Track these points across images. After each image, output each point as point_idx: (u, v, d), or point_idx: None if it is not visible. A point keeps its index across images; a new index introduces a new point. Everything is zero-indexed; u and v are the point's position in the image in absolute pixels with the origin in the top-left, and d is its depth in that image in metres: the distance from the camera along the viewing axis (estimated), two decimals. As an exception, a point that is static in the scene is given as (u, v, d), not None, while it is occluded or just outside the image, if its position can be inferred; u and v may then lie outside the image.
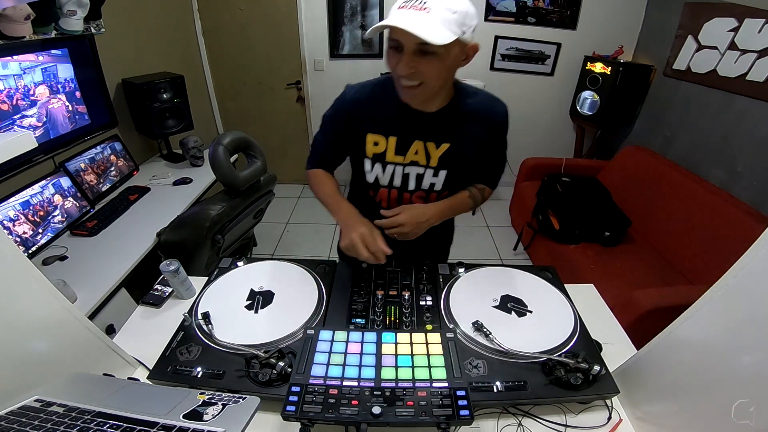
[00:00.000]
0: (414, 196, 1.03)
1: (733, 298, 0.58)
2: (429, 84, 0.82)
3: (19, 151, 0.58)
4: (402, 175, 0.99)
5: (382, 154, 0.97)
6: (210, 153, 1.58)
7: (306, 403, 0.67)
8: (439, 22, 0.73)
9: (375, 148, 0.97)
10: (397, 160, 0.98)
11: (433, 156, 0.96)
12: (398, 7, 0.77)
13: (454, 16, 0.74)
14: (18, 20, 1.40)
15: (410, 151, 0.96)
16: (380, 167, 0.99)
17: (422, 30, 0.72)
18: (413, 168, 0.98)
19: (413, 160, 0.97)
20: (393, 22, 0.73)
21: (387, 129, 0.95)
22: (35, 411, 0.59)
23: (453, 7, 0.74)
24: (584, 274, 2.09)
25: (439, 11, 0.73)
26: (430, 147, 0.96)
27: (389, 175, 1.00)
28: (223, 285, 1.02)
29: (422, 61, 0.79)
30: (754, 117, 2.08)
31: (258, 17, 3.06)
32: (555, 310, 0.94)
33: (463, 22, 0.76)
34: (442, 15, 0.73)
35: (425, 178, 0.99)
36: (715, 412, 0.60)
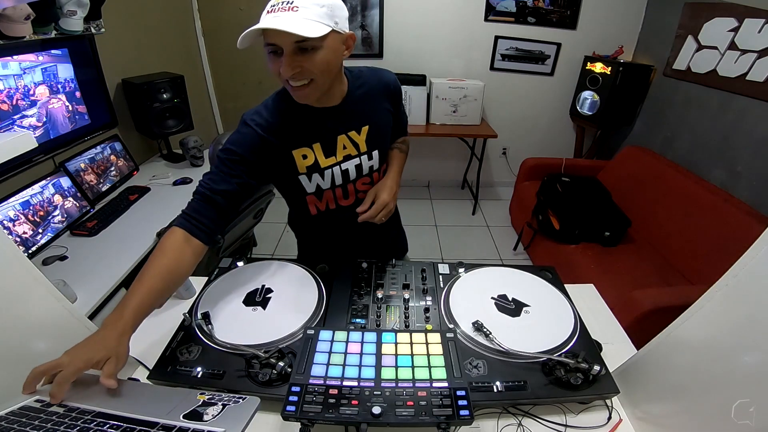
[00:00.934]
0: (359, 183, 1.04)
1: (733, 298, 0.58)
2: (318, 80, 0.83)
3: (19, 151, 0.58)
4: (341, 172, 0.99)
5: (315, 164, 0.96)
6: (210, 153, 1.58)
7: (306, 403, 0.67)
8: (309, 17, 0.75)
9: (305, 161, 0.95)
10: (330, 162, 0.97)
11: (360, 142, 0.99)
12: (266, 12, 0.78)
13: (323, 9, 0.77)
14: (18, 20, 1.40)
15: (338, 148, 0.97)
16: (318, 176, 0.98)
17: (295, 27, 0.73)
18: (349, 162, 0.99)
19: (345, 155, 0.98)
20: (265, 24, 0.75)
21: (307, 138, 0.94)
22: (35, 411, 0.59)
23: (320, 1, 0.77)
24: (584, 274, 2.09)
25: (308, 8, 0.75)
26: (353, 136, 0.98)
27: (329, 179, 0.99)
28: (223, 285, 1.02)
29: (304, 59, 0.79)
30: (754, 117, 2.08)
31: (258, 17, 3.05)
32: (555, 310, 0.94)
33: (333, 14, 0.79)
34: (311, 11, 0.75)
35: (363, 164, 1.01)
36: (715, 412, 0.60)
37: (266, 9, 0.79)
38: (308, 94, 0.85)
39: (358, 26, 3.06)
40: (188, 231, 0.84)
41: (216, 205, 0.87)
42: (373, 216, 0.98)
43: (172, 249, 0.81)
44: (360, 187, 1.05)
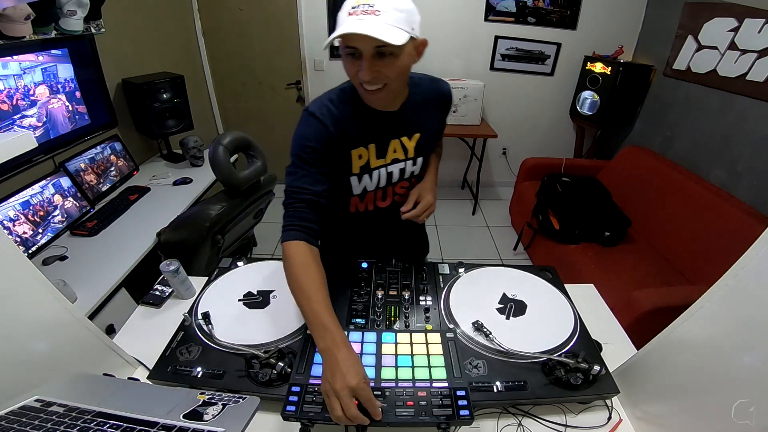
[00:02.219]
0: (398, 186, 1.06)
1: (733, 298, 0.58)
2: (391, 85, 0.84)
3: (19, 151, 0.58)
4: (386, 174, 1.01)
5: (366, 164, 0.97)
6: (210, 153, 1.58)
7: (306, 403, 0.67)
8: (391, 23, 0.75)
9: (360, 161, 0.96)
10: (380, 164, 0.99)
11: (409, 148, 1.01)
12: (347, 13, 0.77)
13: (403, 15, 0.76)
14: (18, 20, 1.40)
15: (389, 151, 0.99)
16: (368, 177, 0.99)
17: (380, 32, 0.73)
18: (395, 165, 1.01)
19: (394, 158, 1.00)
20: (350, 29, 0.74)
21: (364, 139, 0.95)
22: (35, 411, 0.59)
23: (399, 6, 0.76)
24: (584, 274, 2.09)
25: (389, 12, 0.75)
26: (404, 141, 0.99)
27: (376, 180, 1.01)
28: (223, 285, 1.02)
29: (382, 64, 0.79)
30: (754, 117, 2.08)
31: (258, 17, 3.06)
32: (555, 310, 0.94)
33: (411, 20, 0.78)
34: (393, 16, 0.75)
35: (407, 169, 1.04)
36: (715, 412, 0.60)
37: (347, 10, 0.77)
38: (381, 98, 0.86)
39: (358, 26, 3.06)
40: (308, 242, 0.84)
41: (320, 207, 0.88)
42: (417, 215, 1.00)
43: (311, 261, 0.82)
44: (398, 190, 1.07)
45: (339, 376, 0.65)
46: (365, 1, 0.75)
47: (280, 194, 1.12)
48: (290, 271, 0.81)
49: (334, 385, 0.64)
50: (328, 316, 0.74)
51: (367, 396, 0.64)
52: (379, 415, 0.65)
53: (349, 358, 0.67)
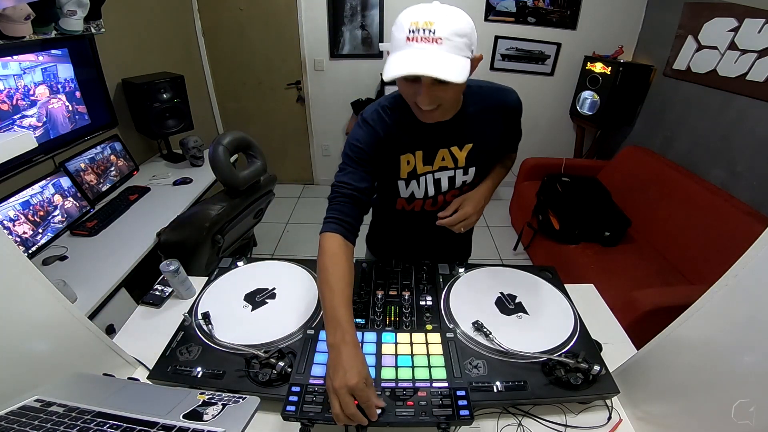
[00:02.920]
0: (448, 195, 1.05)
1: (733, 298, 0.58)
2: (446, 105, 0.83)
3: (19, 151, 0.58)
4: (434, 181, 1.01)
5: (414, 170, 0.98)
6: (210, 153, 1.58)
7: (306, 403, 0.67)
8: (453, 53, 0.72)
9: (408, 167, 0.98)
10: (426, 170, 0.99)
11: (459, 158, 0.98)
12: (406, 38, 0.72)
13: (464, 40, 0.72)
14: (18, 20, 1.40)
15: (437, 159, 0.98)
16: (415, 183, 1.00)
17: (444, 71, 0.70)
18: (443, 172, 1.00)
19: (441, 166, 0.99)
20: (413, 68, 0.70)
21: (413, 146, 0.96)
22: (35, 411, 0.59)
23: (460, 30, 0.72)
24: (584, 274, 2.09)
25: (451, 40, 0.71)
26: (454, 151, 0.97)
27: (423, 187, 1.01)
28: (223, 285, 1.02)
29: (440, 90, 0.77)
30: (754, 117, 2.08)
31: (258, 17, 3.06)
32: (555, 310, 0.94)
33: (471, 42, 0.75)
34: (454, 43, 0.71)
35: (457, 178, 1.01)
36: (715, 412, 0.60)
37: (405, 31, 0.72)
38: (436, 117, 0.86)
39: (358, 26, 3.06)
40: (344, 236, 0.85)
41: (361, 203, 0.90)
42: (452, 224, 0.97)
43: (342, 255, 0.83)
44: (449, 198, 1.05)
45: (340, 373, 0.65)
46: (426, 25, 0.70)
47: (280, 194, 1.12)
48: (321, 261, 0.82)
49: (334, 383, 0.64)
50: (344, 313, 0.74)
51: (365, 396, 0.64)
52: (374, 416, 0.65)
53: (353, 357, 0.68)
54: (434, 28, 0.70)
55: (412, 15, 0.71)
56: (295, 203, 3.54)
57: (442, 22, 0.70)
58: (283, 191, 3.59)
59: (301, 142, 3.61)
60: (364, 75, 3.21)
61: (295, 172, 3.80)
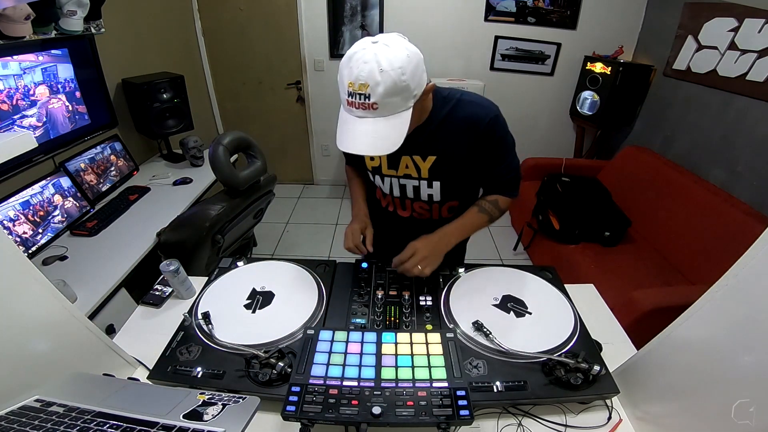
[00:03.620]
0: (415, 204, 1.07)
1: (733, 298, 0.58)
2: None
3: (19, 151, 0.58)
4: (399, 185, 1.05)
5: (378, 168, 1.04)
6: (210, 153, 1.58)
7: (306, 403, 0.67)
8: (389, 113, 0.74)
9: (372, 162, 1.04)
10: (391, 173, 1.04)
11: (422, 168, 1.00)
12: (347, 101, 0.76)
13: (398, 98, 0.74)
14: (18, 20, 1.40)
15: (401, 165, 1.01)
16: (380, 179, 1.06)
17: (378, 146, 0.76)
18: (408, 180, 1.03)
19: (406, 173, 1.02)
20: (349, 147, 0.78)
21: None
22: (35, 411, 0.59)
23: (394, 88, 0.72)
24: (584, 274, 2.09)
25: (386, 103, 0.73)
26: (417, 160, 0.99)
27: (388, 185, 1.06)
28: (223, 285, 1.02)
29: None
30: (754, 117, 2.08)
31: (258, 17, 3.06)
32: (555, 310, 0.94)
33: (410, 92, 0.75)
34: (390, 104, 0.74)
35: (421, 189, 1.04)
36: (715, 412, 0.60)
37: (345, 96, 0.76)
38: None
39: (358, 26, 3.06)
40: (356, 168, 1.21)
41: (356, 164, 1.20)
42: (406, 270, 0.93)
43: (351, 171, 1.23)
44: (417, 208, 1.07)
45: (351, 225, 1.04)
46: (361, 89, 0.73)
47: (280, 194, 1.14)
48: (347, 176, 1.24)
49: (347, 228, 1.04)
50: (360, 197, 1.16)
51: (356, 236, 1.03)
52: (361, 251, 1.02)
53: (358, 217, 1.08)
54: (368, 93, 0.73)
55: (350, 71, 0.74)
56: (295, 203, 3.54)
57: (374, 85, 0.72)
58: (283, 191, 3.59)
59: (301, 142, 3.61)
60: (364, 75, 3.21)
61: (295, 172, 3.80)
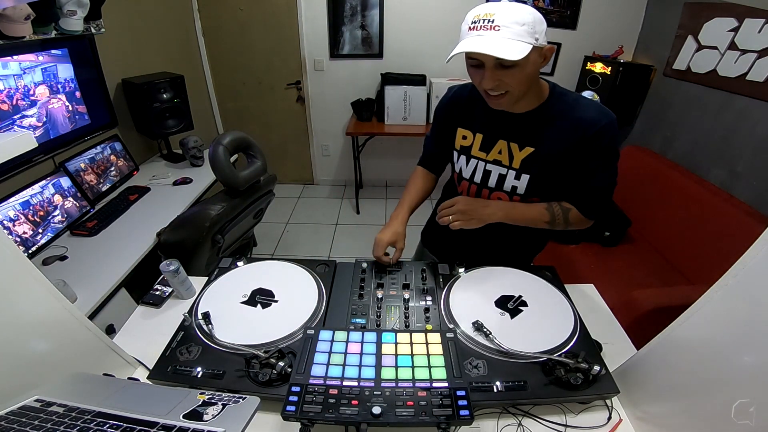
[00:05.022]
0: (493, 194, 1.03)
1: (733, 298, 0.58)
2: (514, 92, 0.86)
3: (19, 151, 0.58)
4: (483, 170, 1.03)
5: (468, 148, 1.05)
6: (210, 153, 1.58)
7: (306, 403, 0.67)
8: (511, 37, 0.77)
9: (463, 141, 1.05)
10: (481, 156, 1.03)
11: (516, 157, 0.97)
12: (468, 28, 0.81)
13: (524, 28, 0.77)
14: (18, 20, 1.40)
15: (494, 149, 0.99)
16: (464, 159, 1.06)
17: (498, 50, 0.76)
18: (496, 167, 1.01)
19: (496, 159, 1.00)
20: (469, 47, 0.78)
21: (475, 125, 1.02)
22: (35, 411, 0.59)
23: (521, 19, 0.77)
24: (584, 274, 2.08)
25: (509, 27, 0.77)
26: (513, 148, 0.97)
27: (472, 169, 1.05)
28: (223, 285, 1.02)
29: (504, 73, 0.82)
30: (754, 117, 2.08)
31: (258, 17, 3.06)
32: (555, 310, 0.94)
33: (534, 31, 0.78)
34: (513, 30, 0.77)
35: (507, 179, 1.00)
36: (715, 412, 0.60)
37: (468, 24, 0.81)
38: (503, 103, 0.89)
39: (358, 26, 3.06)
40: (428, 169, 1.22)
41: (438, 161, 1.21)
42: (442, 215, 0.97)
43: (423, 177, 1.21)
44: (494, 197, 1.04)
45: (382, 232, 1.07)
46: (486, 16, 0.78)
47: (280, 194, 1.13)
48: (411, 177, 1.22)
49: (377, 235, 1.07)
50: (407, 201, 1.14)
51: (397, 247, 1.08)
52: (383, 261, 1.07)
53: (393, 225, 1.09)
54: (493, 18, 0.78)
55: (476, 10, 0.81)
56: (295, 203, 3.54)
57: (501, 13, 0.77)
58: (283, 191, 3.59)
59: (301, 142, 3.61)
60: (364, 75, 3.21)
61: (295, 172, 3.80)
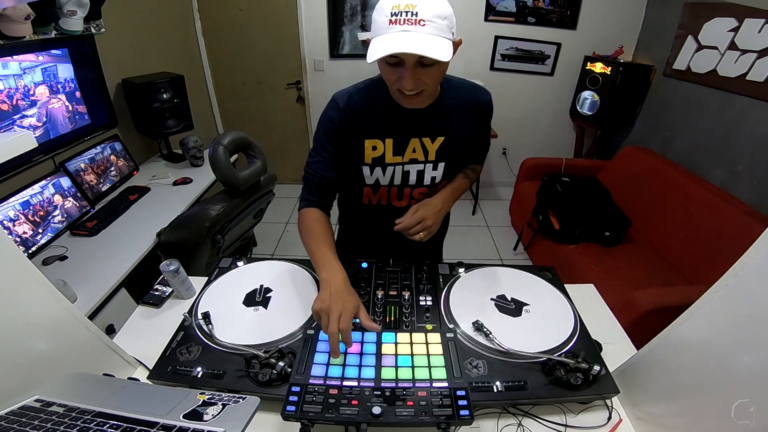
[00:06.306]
0: (415, 191, 1.04)
1: (733, 298, 0.58)
2: (428, 90, 0.84)
3: (19, 151, 0.58)
4: (402, 173, 1.01)
5: (381, 157, 0.97)
6: (210, 153, 1.58)
7: (306, 403, 0.67)
8: (436, 34, 0.74)
9: (374, 152, 0.97)
10: (396, 161, 0.98)
11: (430, 150, 0.98)
12: (388, 21, 0.73)
13: (445, 22, 0.75)
14: (18, 20, 1.40)
15: (408, 149, 0.97)
16: (380, 170, 0.99)
17: (431, 50, 0.72)
18: (413, 165, 1.00)
19: (412, 158, 0.99)
20: (400, 47, 0.72)
21: (383, 132, 0.95)
22: (35, 411, 0.59)
23: (442, 12, 0.74)
24: (584, 274, 2.09)
25: (433, 21, 0.73)
26: (426, 142, 0.97)
27: (389, 176, 1.01)
28: (223, 285, 1.02)
29: (423, 72, 0.79)
30: (754, 117, 2.08)
31: (258, 17, 3.06)
32: (555, 310, 0.94)
33: (452, 25, 0.77)
34: (437, 25, 0.73)
35: (426, 173, 1.01)
36: (715, 412, 0.60)
37: (386, 14, 0.73)
38: (417, 103, 0.87)
39: (358, 26, 3.06)
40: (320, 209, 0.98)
41: (329, 190, 1.00)
42: (407, 227, 0.95)
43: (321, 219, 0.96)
44: (416, 195, 1.05)
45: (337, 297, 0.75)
46: (408, 7, 0.72)
47: (280, 194, 1.12)
48: (303, 224, 0.95)
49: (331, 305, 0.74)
50: (332, 254, 0.86)
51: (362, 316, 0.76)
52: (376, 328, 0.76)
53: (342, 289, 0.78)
54: (416, 11, 0.72)
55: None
56: (295, 203, 3.54)
57: (424, 4, 0.72)
58: (283, 191, 3.58)
59: (301, 142, 3.61)
60: (364, 75, 3.15)
61: (295, 172, 3.79)
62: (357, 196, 1.08)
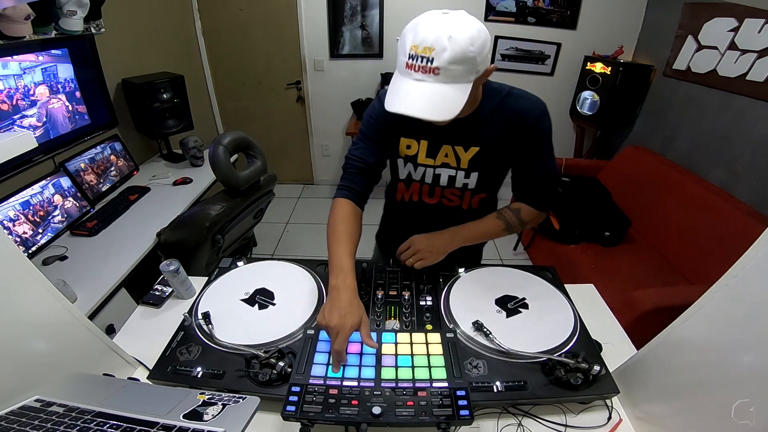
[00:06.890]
0: (447, 191, 1.04)
1: (733, 298, 0.58)
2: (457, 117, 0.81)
3: (19, 151, 0.58)
4: (433, 175, 1.02)
5: (414, 156, 1.00)
6: (210, 153, 1.58)
7: (306, 403, 0.67)
8: (450, 82, 0.71)
9: (408, 150, 1.00)
10: (428, 163, 1.00)
11: (462, 159, 0.97)
12: (406, 64, 0.72)
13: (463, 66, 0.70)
14: (18, 20, 1.40)
15: (440, 154, 0.98)
16: (412, 167, 1.02)
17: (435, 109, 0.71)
18: (444, 169, 1.00)
19: (444, 162, 0.99)
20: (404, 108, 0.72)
21: (418, 133, 0.97)
22: (35, 411, 0.59)
23: (460, 56, 0.69)
24: (584, 274, 2.09)
25: (448, 69, 0.69)
26: (459, 150, 0.96)
27: (421, 174, 1.03)
28: (223, 285, 1.02)
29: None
30: (754, 117, 2.08)
31: (258, 17, 3.06)
32: (555, 310, 0.94)
33: (475, 65, 0.71)
34: (452, 73, 0.70)
35: (457, 178, 1.01)
36: (715, 412, 0.60)
37: (405, 57, 0.71)
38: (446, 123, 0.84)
39: (358, 26, 3.06)
40: (354, 202, 0.96)
41: (370, 175, 1.00)
42: (403, 260, 1.00)
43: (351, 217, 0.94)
44: (447, 194, 1.04)
45: (337, 314, 0.74)
46: (425, 52, 0.69)
47: (280, 194, 1.12)
48: (331, 219, 0.93)
49: (331, 322, 0.73)
50: (348, 261, 0.84)
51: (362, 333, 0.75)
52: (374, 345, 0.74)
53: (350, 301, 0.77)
54: (432, 56, 0.69)
55: (416, 35, 0.70)
56: (295, 203, 3.54)
57: (441, 50, 0.68)
58: (283, 191, 3.59)
59: (301, 142, 3.61)
60: (364, 75, 3.21)
61: (295, 172, 3.80)
62: (393, 191, 1.12)
